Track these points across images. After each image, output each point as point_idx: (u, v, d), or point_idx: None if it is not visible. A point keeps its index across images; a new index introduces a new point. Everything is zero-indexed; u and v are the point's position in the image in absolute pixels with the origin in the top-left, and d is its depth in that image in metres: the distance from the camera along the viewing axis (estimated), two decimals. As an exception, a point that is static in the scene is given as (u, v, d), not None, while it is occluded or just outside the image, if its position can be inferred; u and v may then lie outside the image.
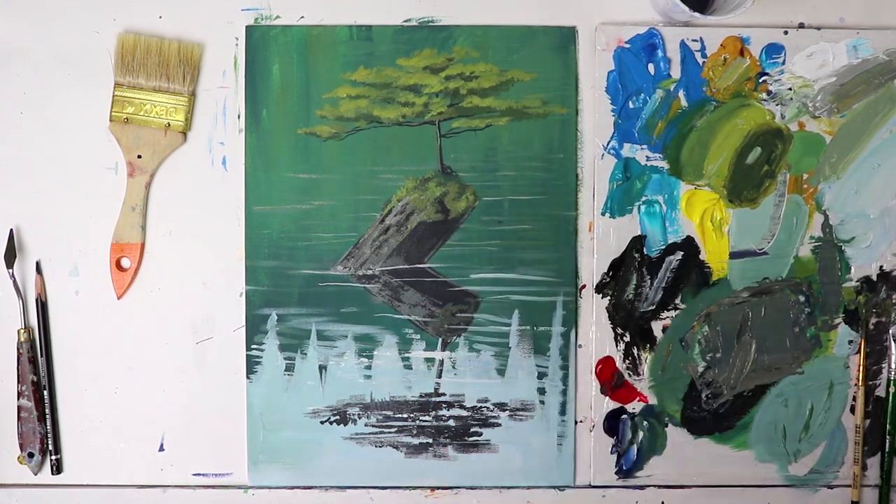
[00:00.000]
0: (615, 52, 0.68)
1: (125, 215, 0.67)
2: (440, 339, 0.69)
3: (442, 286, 0.68)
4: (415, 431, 0.69)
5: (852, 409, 0.70)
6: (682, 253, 0.69)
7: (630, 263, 0.69)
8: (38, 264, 0.68)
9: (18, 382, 0.67)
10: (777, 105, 0.68)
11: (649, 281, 0.69)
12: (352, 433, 0.69)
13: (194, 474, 0.69)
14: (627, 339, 0.69)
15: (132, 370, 0.68)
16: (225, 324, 0.68)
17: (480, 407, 0.69)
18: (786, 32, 0.68)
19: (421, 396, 0.69)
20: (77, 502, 0.68)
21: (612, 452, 0.69)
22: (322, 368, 0.68)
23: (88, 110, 0.68)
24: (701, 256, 0.69)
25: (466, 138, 0.68)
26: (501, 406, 0.69)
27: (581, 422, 0.69)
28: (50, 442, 0.68)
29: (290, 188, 0.68)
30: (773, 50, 0.68)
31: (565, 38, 0.68)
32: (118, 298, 0.68)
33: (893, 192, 0.69)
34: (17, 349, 0.67)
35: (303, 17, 0.68)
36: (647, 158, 0.68)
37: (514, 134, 0.68)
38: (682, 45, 0.68)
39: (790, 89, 0.68)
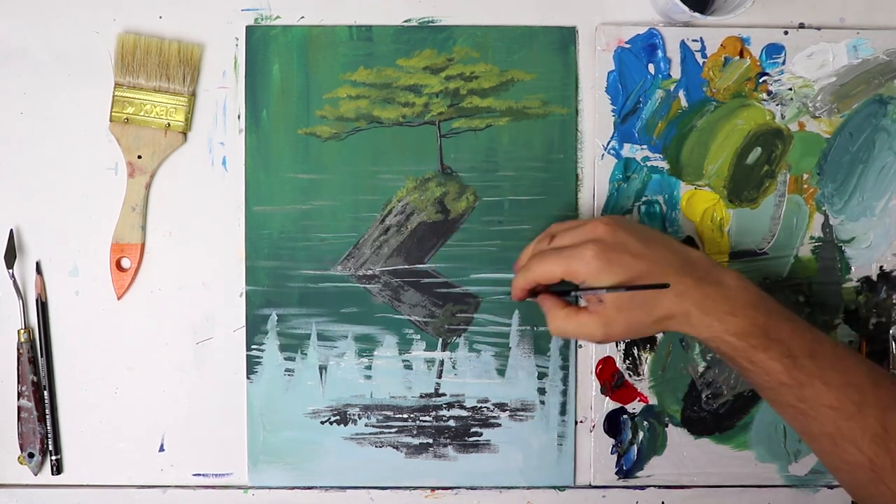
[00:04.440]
0: (615, 53, 0.68)
1: (125, 216, 0.67)
2: (440, 340, 0.69)
3: (442, 286, 0.68)
4: (415, 432, 0.69)
5: (852, 410, 0.70)
6: (682, 253, 0.69)
7: (630, 263, 0.69)
8: (38, 264, 0.68)
9: (18, 383, 0.67)
10: (777, 105, 0.68)
11: (649, 281, 0.69)
12: (352, 433, 0.69)
13: (194, 474, 0.69)
14: (628, 338, 0.69)
15: (132, 370, 0.68)
16: (225, 324, 0.68)
17: (480, 407, 0.69)
18: (786, 32, 0.68)
19: (421, 397, 0.69)
20: (77, 502, 0.68)
21: (612, 453, 0.69)
22: (322, 369, 0.68)
23: (88, 110, 0.68)
24: (701, 256, 0.69)
25: (466, 138, 0.68)
26: (501, 406, 0.69)
27: (581, 422, 0.69)
28: (50, 442, 0.68)
29: (291, 188, 0.68)
30: (773, 50, 0.68)
31: (565, 39, 0.68)
32: (118, 299, 0.68)
33: (893, 192, 0.69)
34: (18, 349, 0.67)
35: (303, 17, 0.68)
36: (648, 159, 0.68)
37: (514, 134, 0.68)
38: (682, 45, 0.68)
39: (790, 89, 0.68)
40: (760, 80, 0.68)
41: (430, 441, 0.69)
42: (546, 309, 0.61)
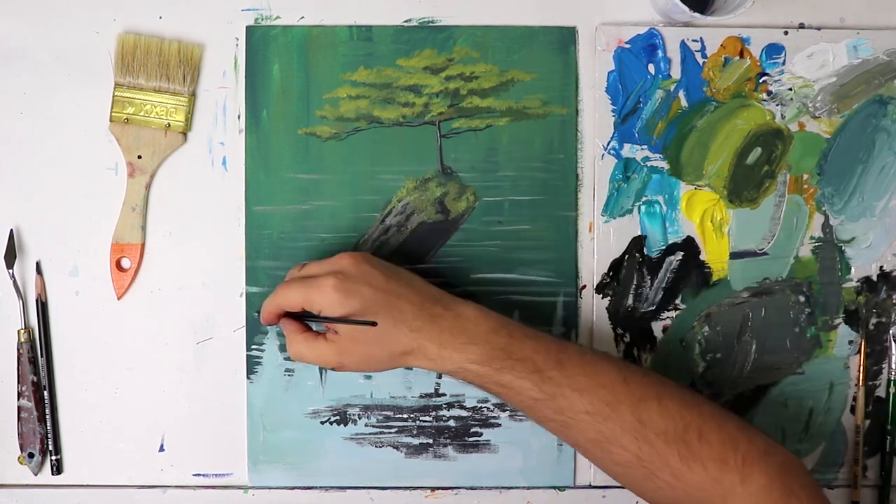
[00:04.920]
0: (615, 53, 0.68)
1: (125, 216, 0.67)
2: (440, 340, 0.69)
3: (442, 286, 0.68)
4: (415, 432, 0.69)
5: (852, 410, 0.70)
6: (682, 253, 0.69)
7: (630, 264, 0.69)
8: (38, 265, 0.68)
9: (18, 383, 0.67)
10: (777, 105, 0.68)
11: (649, 281, 0.69)
12: (352, 433, 0.69)
13: (194, 474, 0.69)
14: (628, 339, 0.69)
15: (132, 370, 0.68)
16: (225, 324, 0.68)
17: (480, 407, 0.69)
18: (786, 33, 0.68)
19: (421, 397, 0.69)
20: (77, 502, 0.68)
21: (612, 453, 0.69)
22: (322, 369, 0.68)
23: (88, 111, 0.68)
24: (701, 257, 0.69)
25: (466, 138, 0.68)
26: (501, 406, 0.69)
27: (581, 422, 0.69)
28: (50, 442, 0.68)
29: (291, 188, 0.68)
30: (774, 50, 0.68)
31: (565, 39, 0.68)
32: (118, 299, 0.68)
33: (893, 192, 0.69)
34: (18, 349, 0.67)
35: (303, 17, 0.68)
36: (648, 159, 0.68)
37: (514, 134, 0.68)
38: (683, 45, 0.68)
39: (790, 89, 0.68)
40: (760, 81, 0.68)
41: (430, 441, 0.69)
42: (286, 332, 0.62)
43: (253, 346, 0.68)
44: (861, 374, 0.69)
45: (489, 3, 0.68)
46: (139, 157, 0.67)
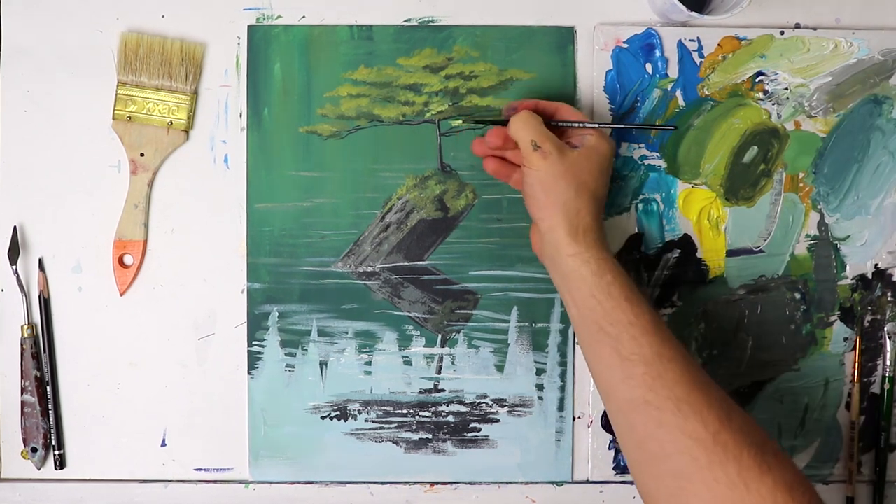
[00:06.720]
0: (613, 52, 0.68)
1: (128, 213, 0.68)
2: (439, 336, 0.69)
3: (441, 283, 0.69)
4: (414, 427, 0.69)
5: (847, 406, 0.70)
6: (679, 251, 0.69)
7: (627, 261, 0.69)
8: (41, 261, 0.68)
9: (22, 378, 0.68)
10: (773, 104, 0.69)
11: (647, 278, 0.69)
12: (352, 429, 0.69)
13: (196, 469, 0.69)
14: (625, 335, 0.69)
15: (134, 366, 0.69)
16: (226, 320, 0.69)
17: (479, 403, 0.69)
18: (782, 33, 0.69)
19: (420, 392, 0.69)
20: (80, 497, 0.69)
21: (609, 448, 0.70)
22: (322, 364, 0.69)
23: (91, 108, 0.68)
24: (698, 254, 0.69)
25: (466, 137, 0.69)
26: (500, 402, 0.69)
27: (579, 418, 0.70)
28: (53, 437, 0.68)
29: (292, 186, 0.68)
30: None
31: (564, 38, 0.69)
32: (121, 295, 0.68)
33: (888, 190, 0.69)
34: (21, 345, 0.68)
35: (304, 16, 0.68)
36: (645, 157, 0.69)
37: (513, 133, 0.69)
38: (680, 44, 0.68)
39: (786, 89, 0.69)
40: (757, 80, 0.69)
41: (430, 436, 0.69)
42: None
43: (254, 342, 0.69)
44: (856, 371, 0.70)
45: (488, 3, 0.69)
46: (142, 154, 0.68)
